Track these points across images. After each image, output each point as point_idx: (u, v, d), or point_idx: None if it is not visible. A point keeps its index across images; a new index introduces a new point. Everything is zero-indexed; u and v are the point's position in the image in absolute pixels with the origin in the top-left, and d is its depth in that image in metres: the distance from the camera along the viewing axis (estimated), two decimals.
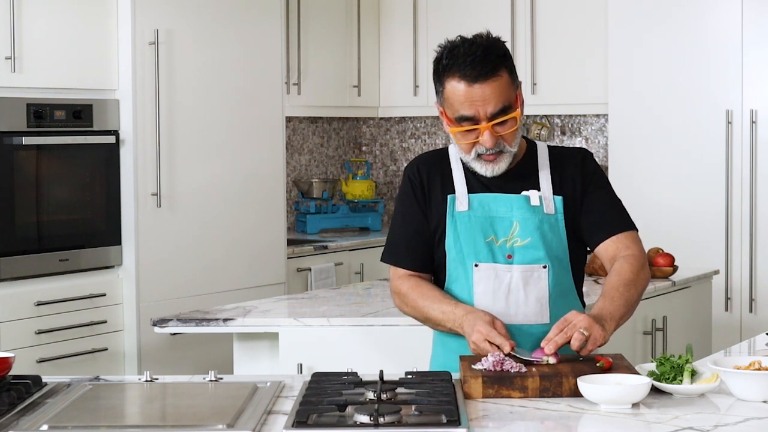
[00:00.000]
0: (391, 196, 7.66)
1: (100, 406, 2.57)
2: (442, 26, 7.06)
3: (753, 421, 2.43)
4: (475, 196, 3.00)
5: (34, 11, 5.03)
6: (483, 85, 2.87)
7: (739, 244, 6.17)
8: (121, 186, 5.36)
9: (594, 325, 2.75)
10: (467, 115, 2.89)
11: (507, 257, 2.97)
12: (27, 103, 5.01)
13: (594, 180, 3.04)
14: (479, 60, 2.87)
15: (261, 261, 5.99)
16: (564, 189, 3.01)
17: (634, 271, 2.93)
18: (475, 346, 2.82)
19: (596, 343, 2.75)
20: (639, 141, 6.36)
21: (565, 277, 3.02)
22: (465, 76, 2.87)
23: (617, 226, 3.01)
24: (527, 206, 2.98)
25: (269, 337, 4.00)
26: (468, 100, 2.87)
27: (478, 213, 2.99)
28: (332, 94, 6.96)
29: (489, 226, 2.99)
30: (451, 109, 2.92)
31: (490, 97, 2.87)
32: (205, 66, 5.67)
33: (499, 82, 2.89)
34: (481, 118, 2.88)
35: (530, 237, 2.97)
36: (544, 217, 2.98)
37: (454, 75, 2.89)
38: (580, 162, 3.05)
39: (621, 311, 2.87)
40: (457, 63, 2.88)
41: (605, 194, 3.04)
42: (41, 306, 5.07)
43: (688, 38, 6.22)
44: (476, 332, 2.82)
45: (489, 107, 2.88)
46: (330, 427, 2.31)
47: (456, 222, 3.00)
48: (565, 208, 3.00)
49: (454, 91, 2.89)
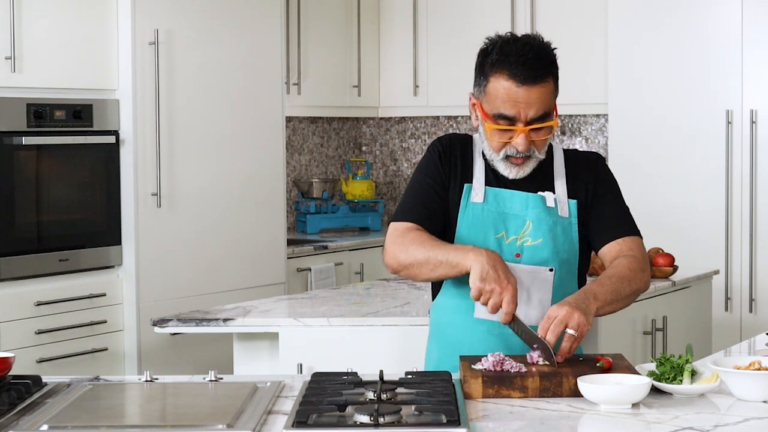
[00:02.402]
0: (391, 196, 7.66)
1: (100, 406, 2.57)
2: (442, 26, 7.06)
3: (753, 421, 2.43)
4: (492, 190, 2.98)
5: (34, 11, 5.03)
6: (530, 88, 2.85)
7: (739, 244, 6.17)
8: (121, 186, 5.36)
9: (574, 313, 2.72)
10: (507, 115, 2.87)
11: (515, 255, 2.96)
12: (27, 103, 5.01)
13: (605, 184, 3.04)
14: (531, 62, 2.85)
15: (261, 261, 5.99)
16: (577, 193, 3.01)
17: (631, 269, 2.92)
18: (478, 293, 2.76)
19: (581, 333, 2.73)
20: (639, 141, 6.36)
21: (570, 282, 3.01)
22: (514, 76, 2.85)
23: (623, 230, 3.01)
24: (543, 206, 2.97)
25: (269, 337, 4.00)
26: (511, 100, 2.85)
27: (492, 207, 2.97)
28: (332, 94, 6.96)
29: (501, 222, 2.97)
30: (490, 105, 2.89)
31: (534, 101, 2.86)
32: (205, 66, 5.67)
33: (545, 88, 2.88)
34: (520, 120, 2.87)
35: (542, 238, 2.96)
36: (558, 220, 2.98)
37: (502, 72, 2.86)
38: (593, 166, 3.06)
39: (607, 297, 2.83)
40: (508, 61, 2.85)
41: (614, 199, 3.05)
42: (41, 306, 5.07)
43: (688, 38, 6.22)
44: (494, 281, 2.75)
45: (531, 111, 2.86)
46: (330, 427, 2.31)
47: (469, 212, 2.98)
48: (578, 211, 3.00)
49: (500, 88, 2.86)
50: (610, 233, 3.00)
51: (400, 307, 4.12)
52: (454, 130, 7.44)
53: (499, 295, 2.75)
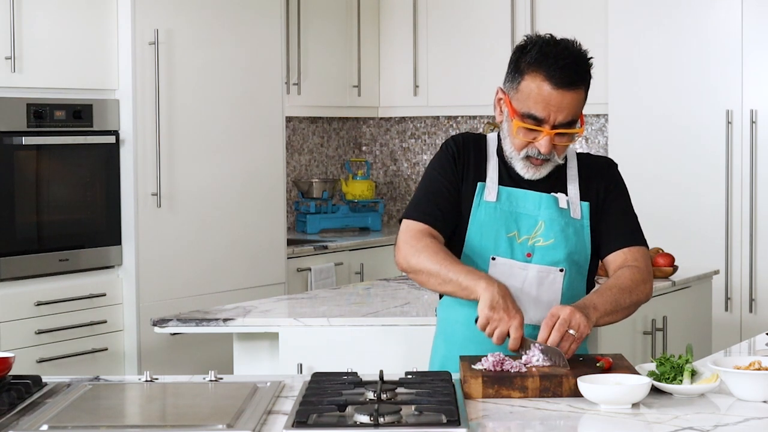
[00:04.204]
0: (391, 196, 7.66)
1: (100, 406, 2.57)
2: (442, 26, 7.06)
3: (753, 421, 2.43)
4: (505, 189, 2.98)
5: (34, 11, 5.03)
6: (564, 92, 2.85)
7: (739, 244, 6.17)
8: (121, 186, 5.36)
9: (575, 313, 2.74)
10: (537, 115, 2.87)
11: (526, 255, 2.96)
12: (27, 103, 5.01)
13: (615, 190, 3.05)
14: (569, 67, 2.85)
15: (261, 261, 5.99)
16: (589, 196, 3.02)
17: (634, 281, 2.92)
18: (486, 321, 2.76)
19: (581, 335, 2.74)
20: (639, 141, 6.36)
21: (580, 284, 3.01)
22: (551, 78, 2.84)
23: (629, 239, 3.01)
24: (555, 207, 2.97)
25: (269, 337, 4.00)
26: (543, 102, 2.85)
27: (505, 206, 2.97)
28: (332, 94, 6.96)
29: (513, 222, 2.97)
30: (521, 103, 2.89)
31: (565, 106, 2.86)
32: (205, 66, 5.67)
33: (578, 95, 2.88)
34: (548, 123, 2.87)
35: (554, 238, 2.96)
36: (570, 221, 2.97)
37: (539, 72, 2.85)
38: (605, 171, 3.06)
39: (608, 307, 2.85)
40: (547, 62, 2.85)
41: (623, 206, 3.05)
42: (41, 306, 5.07)
43: (688, 38, 6.22)
44: (499, 314, 2.75)
45: (560, 116, 2.86)
46: (330, 427, 2.31)
47: (481, 211, 2.97)
48: (590, 214, 3.01)
49: (534, 87, 2.86)
50: (616, 242, 3.00)
51: (400, 307, 4.12)
52: (454, 130, 7.44)
53: (506, 324, 2.74)
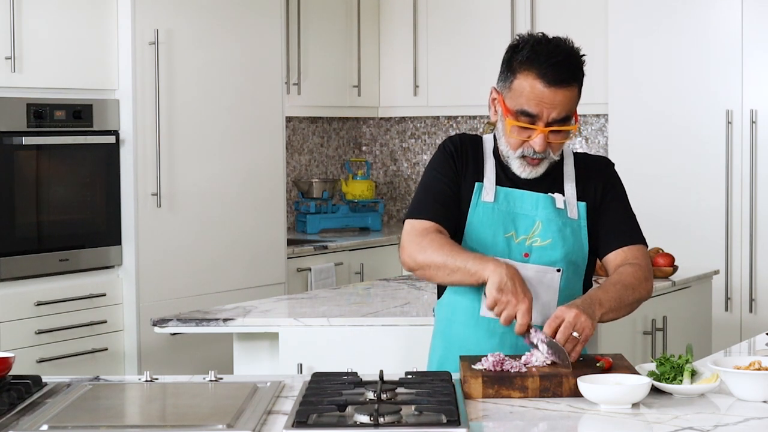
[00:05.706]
0: (391, 196, 7.66)
1: (100, 406, 2.57)
2: (442, 26, 7.06)
3: (753, 421, 2.43)
4: (502, 189, 2.99)
5: (34, 11, 5.03)
6: (557, 90, 2.86)
7: (739, 244, 6.17)
8: (121, 186, 5.36)
9: (581, 315, 2.74)
10: (530, 112, 2.88)
11: (524, 255, 2.96)
12: (27, 103, 5.01)
13: (613, 190, 3.05)
14: (561, 64, 2.87)
15: (261, 261, 5.98)
16: (586, 196, 3.02)
17: (636, 278, 2.93)
18: (493, 303, 2.76)
19: (586, 338, 2.75)
20: (639, 141, 6.36)
21: (577, 283, 3.01)
22: (543, 76, 2.86)
23: (629, 238, 3.02)
24: (552, 207, 2.98)
25: (269, 337, 4.00)
26: (536, 99, 2.86)
27: (503, 207, 2.98)
28: (332, 94, 6.96)
29: (510, 222, 2.97)
30: (514, 102, 2.90)
31: (558, 103, 2.87)
32: (205, 66, 5.67)
33: (571, 92, 2.90)
34: (541, 120, 2.88)
35: (551, 238, 2.96)
36: (567, 221, 2.98)
37: (531, 71, 2.87)
38: (603, 170, 3.07)
39: (612, 304, 2.86)
40: (539, 60, 2.86)
41: (621, 206, 3.05)
42: (41, 306, 5.07)
43: (688, 38, 6.22)
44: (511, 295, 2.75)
45: (553, 113, 2.87)
46: (330, 427, 2.31)
47: (479, 211, 2.98)
48: (587, 214, 3.01)
49: (526, 86, 2.87)
50: (615, 241, 3.01)
51: (400, 307, 4.12)
52: (454, 130, 7.44)
53: (514, 307, 2.75)
